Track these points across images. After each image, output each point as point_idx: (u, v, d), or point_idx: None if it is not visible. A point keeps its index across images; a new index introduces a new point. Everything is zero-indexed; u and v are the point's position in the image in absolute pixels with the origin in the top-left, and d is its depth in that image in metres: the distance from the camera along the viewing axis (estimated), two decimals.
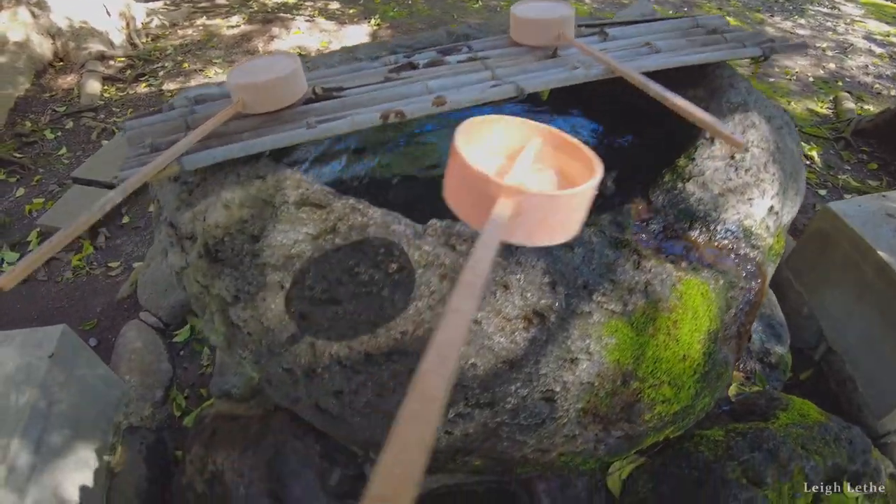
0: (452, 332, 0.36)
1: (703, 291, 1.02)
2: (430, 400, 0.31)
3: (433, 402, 0.31)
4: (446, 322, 0.37)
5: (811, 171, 3.14)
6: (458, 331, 0.36)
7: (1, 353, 1.55)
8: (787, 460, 1.26)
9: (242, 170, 1.07)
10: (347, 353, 0.95)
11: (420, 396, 0.30)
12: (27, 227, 2.82)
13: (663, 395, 1.01)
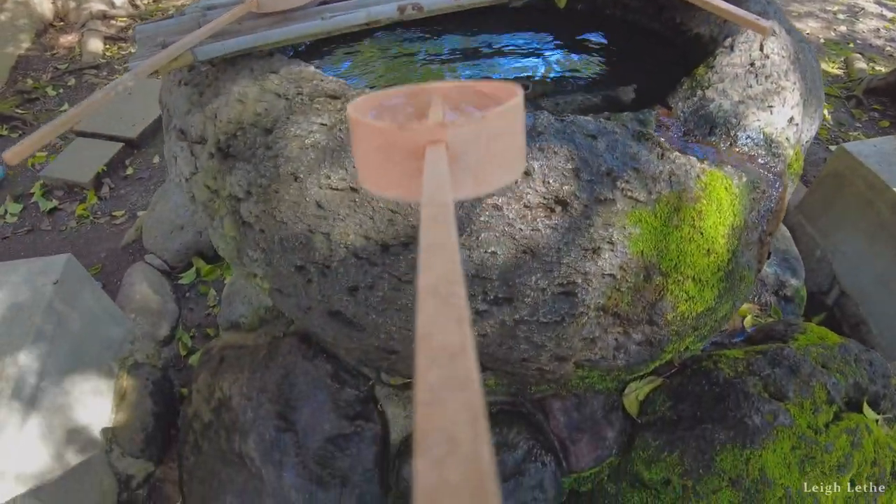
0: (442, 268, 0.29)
1: (726, 185, 0.99)
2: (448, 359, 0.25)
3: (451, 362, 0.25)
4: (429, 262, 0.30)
5: (822, 128, 3.10)
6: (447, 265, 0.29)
7: (6, 281, 1.52)
8: (808, 376, 1.24)
9: (256, 65, 1.04)
10: (364, 244, 0.92)
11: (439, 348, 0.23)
12: (30, 180, 2.79)
13: (687, 293, 0.99)
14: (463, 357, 0.20)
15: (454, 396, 0.18)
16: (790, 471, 1.20)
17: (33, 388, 1.37)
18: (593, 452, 1.21)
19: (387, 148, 0.44)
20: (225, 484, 1.38)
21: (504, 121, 0.45)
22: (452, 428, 0.17)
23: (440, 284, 0.25)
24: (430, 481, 0.16)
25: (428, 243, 0.30)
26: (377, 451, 1.23)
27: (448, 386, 0.19)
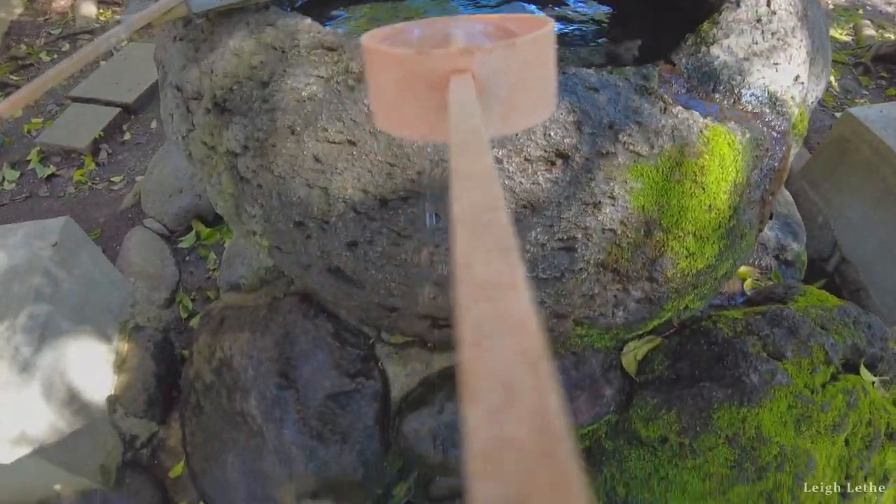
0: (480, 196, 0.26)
1: (729, 141, 0.98)
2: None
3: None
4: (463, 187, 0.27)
5: (828, 95, 3.06)
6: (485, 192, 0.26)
7: (4, 244, 1.52)
8: (806, 337, 1.25)
9: (252, 18, 1.02)
10: (362, 198, 0.91)
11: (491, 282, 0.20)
12: (27, 147, 2.76)
13: (687, 249, 0.98)
14: (514, 291, 0.18)
15: (506, 337, 0.16)
16: (786, 429, 1.22)
17: (34, 350, 1.38)
18: (592, 410, 1.22)
19: (406, 79, 0.40)
20: (227, 443, 1.40)
21: (535, 50, 0.41)
22: (508, 373, 0.15)
23: (478, 213, 0.23)
24: (488, 436, 0.14)
25: (460, 171, 0.27)
26: (378, 409, 1.24)
27: (498, 325, 0.17)
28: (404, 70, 0.40)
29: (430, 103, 0.40)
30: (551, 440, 0.13)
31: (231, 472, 1.37)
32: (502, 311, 0.17)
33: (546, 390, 0.15)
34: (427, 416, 1.18)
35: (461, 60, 0.38)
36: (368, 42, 0.42)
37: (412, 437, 1.19)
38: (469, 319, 0.17)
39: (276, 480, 1.27)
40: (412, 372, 1.28)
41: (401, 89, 0.40)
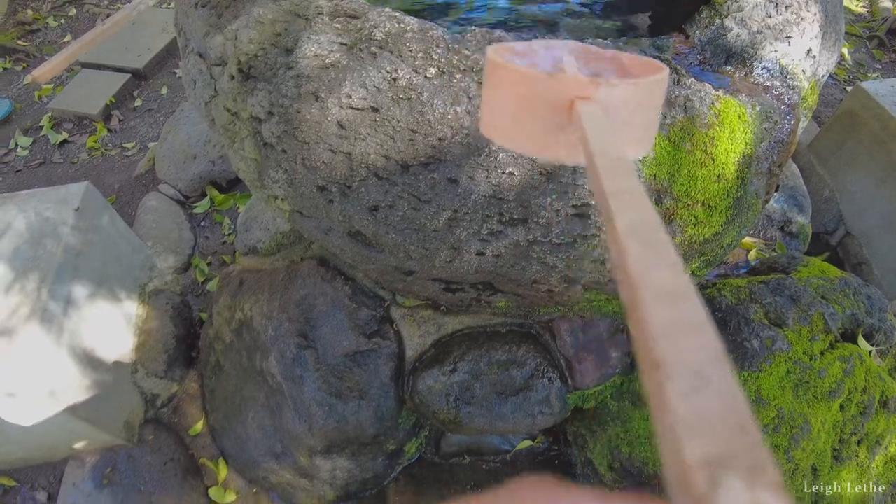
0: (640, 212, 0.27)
1: (740, 113, 1.01)
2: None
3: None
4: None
5: (840, 68, 3.05)
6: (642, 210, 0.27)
7: (27, 208, 1.56)
8: (807, 305, 1.29)
9: None
10: (384, 163, 0.95)
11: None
12: (38, 113, 2.79)
13: (695, 217, 1.02)
14: (687, 301, 0.21)
15: (688, 338, 0.19)
16: (784, 393, 1.27)
17: (61, 311, 1.43)
18: (598, 371, 1.27)
19: (530, 97, 0.41)
20: (247, 400, 1.46)
21: (652, 93, 0.43)
22: (697, 364, 0.18)
23: (641, 228, 0.25)
24: (690, 410, 0.16)
25: (614, 191, 0.29)
26: (393, 368, 1.30)
27: (679, 327, 0.19)
28: (530, 88, 0.41)
29: (548, 123, 0.42)
30: (743, 416, 0.16)
31: (251, 428, 1.43)
32: (683, 315, 0.20)
33: (731, 379, 0.18)
34: (440, 374, 1.24)
35: (587, 87, 0.40)
36: (495, 56, 0.44)
37: (426, 393, 1.24)
38: (655, 319, 0.20)
39: (296, 436, 1.33)
40: (425, 333, 1.33)
41: (521, 106, 0.42)
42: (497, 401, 1.24)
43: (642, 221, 0.26)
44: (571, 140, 0.42)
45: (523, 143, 0.44)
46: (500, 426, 1.24)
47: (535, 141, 0.43)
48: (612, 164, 0.32)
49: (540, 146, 0.43)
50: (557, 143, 0.42)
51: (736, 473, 0.15)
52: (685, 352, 0.19)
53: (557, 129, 0.41)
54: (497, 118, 0.44)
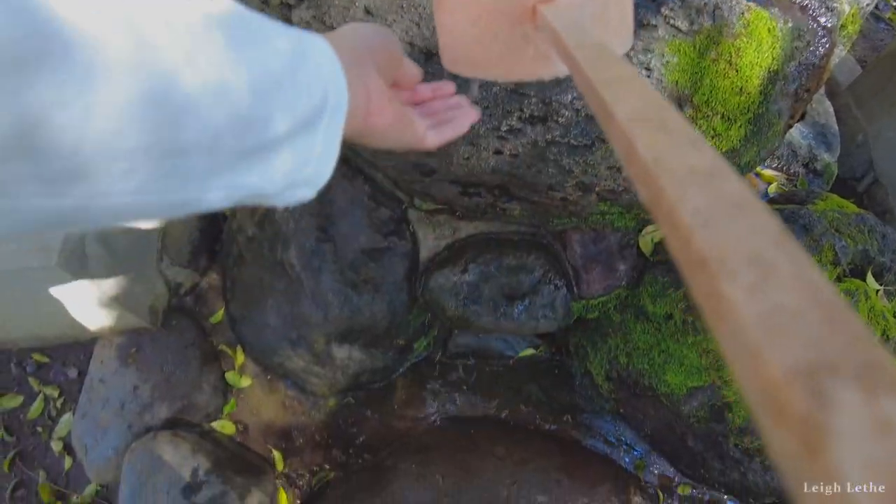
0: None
1: (770, 27, 0.99)
2: None
3: None
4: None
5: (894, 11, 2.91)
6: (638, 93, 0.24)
7: None
8: (819, 236, 1.30)
9: None
10: (409, 50, 0.96)
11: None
12: None
13: (714, 129, 1.02)
14: (723, 178, 0.18)
15: (733, 219, 0.16)
16: None
17: None
18: (604, 282, 1.31)
19: (487, 15, 0.39)
20: (266, 289, 1.53)
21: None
22: (753, 250, 0.15)
23: (646, 111, 0.22)
24: (761, 308, 0.13)
25: (604, 80, 0.26)
26: (407, 266, 1.35)
27: (720, 210, 0.16)
28: (485, 5, 0.38)
29: (512, 40, 0.39)
30: (833, 304, 0.13)
31: (270, 315, 1.51)
32: (723, 195, 0.17)
33: (804, 261, 0.14)
34: (451, 274, 1.29)
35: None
36: None
37: (437, 290, 1.30)
38: (688, 206, 0.17)
39: (312, 323, 1.41)
40: (440, 236, 1.37)
41: (479, 27, 0.39)
42: (504, 302, 1.29)
43: (646, 105, 0.23)
44: (541, 50, 0.39)
45: (492, 67, 0.42)
46: (504, 326, 1.30)
47: (504, 61, 0.41)
48: (595, 53, 0.29)
49: (510, 66, 0.41)
50: (527, 58, 0.40)
51: (846, 380, 0.11)
52: (735, 237, 0.15)
53: (524, 43, 0.39)
54: (458, 48, 0.42)
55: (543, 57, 0.40)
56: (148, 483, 1.41)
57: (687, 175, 0.18)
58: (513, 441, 1.49)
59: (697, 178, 0.18)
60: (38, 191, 0.23)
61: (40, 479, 1.80)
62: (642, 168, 0.19)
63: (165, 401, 1.60)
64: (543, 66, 0.41)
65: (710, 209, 0.16)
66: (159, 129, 0.25)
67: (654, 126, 0.21)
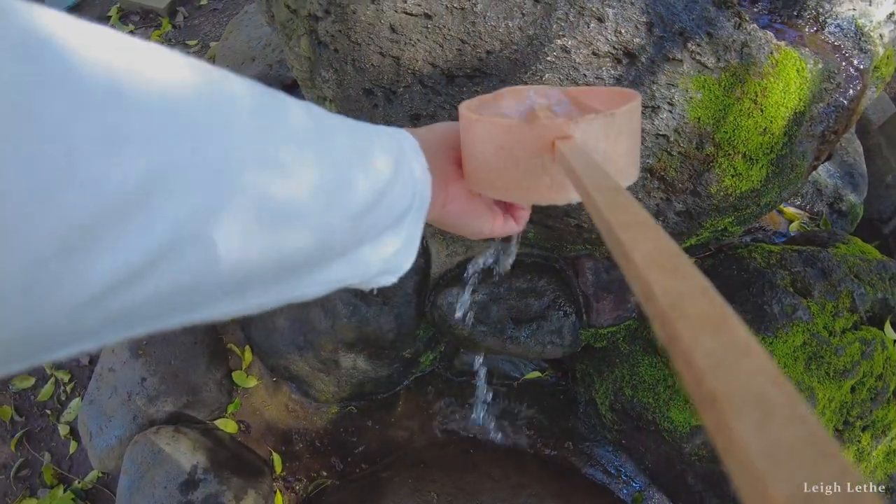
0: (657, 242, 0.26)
1: (799, 68, 0.98)
2: None
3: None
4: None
5: None
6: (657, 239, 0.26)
7: None
8: (837, 281, 1.27)
9: None
10: (430, 71, 0.96)
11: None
12: (108, 4, 2.86)
13: (735, 168, 1.01)
14: (729, 325, 0.20)
15: (741, 362, 0.18)
16: (796, 363, 1.27)
17: None
18: (615, 312, 1.30)
19: (510, 146, 0.43)
20: None
21: (629, 120, 0.44)
22: (757, 390, 0.17)
23: (661, 257, 0.24)
24: (764, 444, 0.15)
25: (622, 224, 0.28)
26: (418, 281, 1.35)
27: (730, 352, 0.18)
28: (510, 137, 0.43)
29: (531, 168, 0.43)
30: (823, 440, 0.15)
31: (279, 319, 1.52)
32: (729, 341, 0.19)
33: (798, 401, 0.17)
34: (461, 292, 1.28)
35: (564, 127, 0.40)
36: (468, 112, 0.45)
37: (445, 308, 1.29)
38: (698, 349, 0.19)
39: (320, 329, 1.41)
40: (452, 254, 1.37)
41: (503, 155, 0.43)
42: (511, 324, 1.29)
43: (660, 251, 0.25)
44: (557, 179, 0.43)
45: (511, 190, 0.45)
46: (510, 348, 1.29)
47: (522, 187, 0.44)
48: (612, 196, 0.31)
49: (527, 191, 0.44)
50: (543, 185, 0.43)
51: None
52: (741, 379, 0.17)
53: (541, 172, 0.42)
54: (481, 171, 0.45)
55: (559, 185, 0.43)
56: (147, 476, 1.43)
57: (700, 321, 0.20)
58: (511, 464, 1.48)
59: (709, 323, 0.20)
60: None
61: (45, 461, 1.83)
62: (659, 312, 0.21)
63: (171, 395, 1.62)
64: (559, 193, 0.44)
65: (719, 352, 0.19)
66: (280, 246, 0.28)
67: (669, 272, 0.23)
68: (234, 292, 0.28)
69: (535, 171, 0.43)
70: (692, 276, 0.22)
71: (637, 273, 0.24)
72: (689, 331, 0.20)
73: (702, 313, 0.20)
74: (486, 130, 0.44)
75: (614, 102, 0.50)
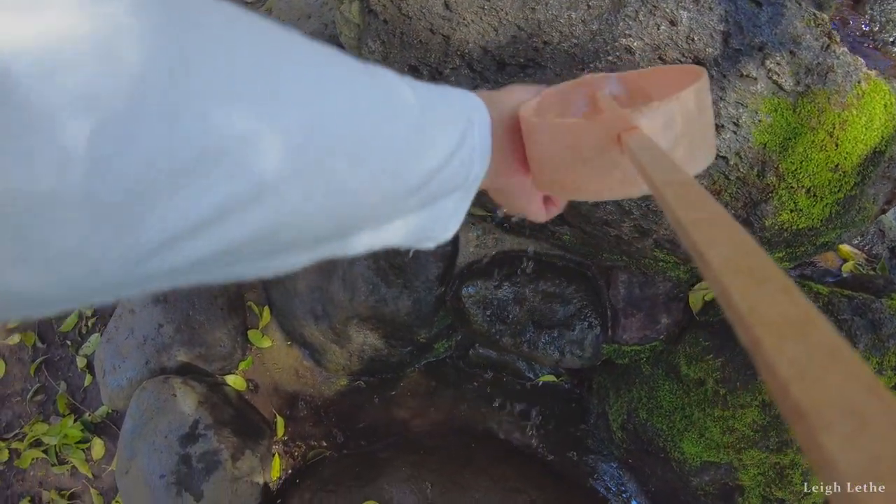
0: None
1: (887, 103, 0.88)
2: None
3: None
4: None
5: None
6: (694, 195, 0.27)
7: None
8: (887, 336, 1.18)
9: None
10: (481, 55, 0.91)
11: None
12: None
13: (796, 203, 0.92)
14: (816, 328, 0.18)
15: (831, 368, 0.17)
16: None
17: None
18: (642, 331, 1.23)
19: (576, 146, 0.41)
20: None
21: (696, 100, 0.42)
22: (848, 401, 0.16)
23: (738, 259, 0.23)
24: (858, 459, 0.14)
25: (693, 220, 0.26)
26: (442, 268, 1.31)
27: (815, 361, 0.17)
28: (574, 136, 0.41)
29: (601, 164, 0.41)
30: None
31: (300, 285, 1.50)
32: (817, 345, 0.17)
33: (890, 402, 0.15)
34: (484, 287, 1.24)
35: (627, 119, 0.39)
36: (531, 116, 0.44)
37: (466, 300, 1.25)
38: (785, 358, 0.17)
39: (337, 302, 1.39)
40: (482, 245, 1.32)
41: (570, 155, 0.42)
42: (532, 328, 1.24)
43: (738, 251, 0.23)
44: (629, 173, 0.41)
45: (582, 190, 0.44)
46: (526, 352, 1.24)
47: (595, 184, 0.43)
48: (683, 190, 0.30)
49: (599, 188, 0.43)
50: (615, 180, 0.42)
51: None
52: (830, 389, 0.16)
53: (612, 166, 0.41)
54: (550, 173, 0.44)
55: (631, 179, 0.42)
56: (150, 423, 1.44)
57: (782, 325, 0.19)
58: (511, 465, 1.44)
59: (794, 328, 0.18)
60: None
61: (60, 390, 1.87)
62: (739, 316, 0.20)
63: (185, 345, 1.63)
64: (631, 186, 0.42)
65: (805, 359, 0.17)
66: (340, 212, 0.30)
67: (747, 273, 0.22)
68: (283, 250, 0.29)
69: (605, 167, 0.41)
70: (774, 277, 0.21)
71: (713, 276, 0.23)
72: (770, 337, 0.18)
73: (786, 317, 0.19)
74: (551, 134, 0.43)
75: (678, 81, 0.47)
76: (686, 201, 0.29)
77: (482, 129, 0.41)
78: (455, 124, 0.38)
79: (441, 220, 0.40)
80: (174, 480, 1.38)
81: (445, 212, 0.40)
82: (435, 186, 0.36)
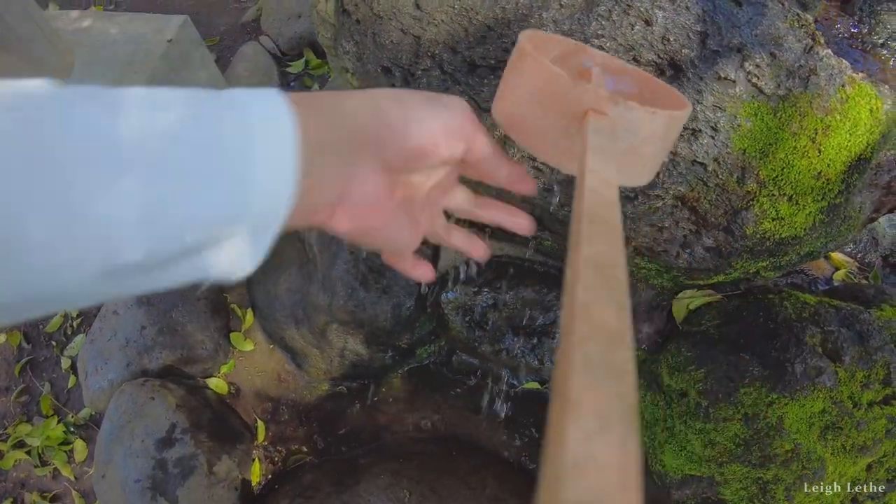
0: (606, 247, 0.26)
1: (873, 107, 0.85)
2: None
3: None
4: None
5: None
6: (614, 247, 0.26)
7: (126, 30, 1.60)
8: (874, 349, 1.14)
9: None
10: (451, 57, 0.88)
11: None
12: None
13: (777, 211, 0.89)
14: (621, 346, 0.20)
15: (609, 383, 0.18)
16: (810, 430, 1.15)
17: None
18: None
19: (548, 95, 0.41)
20: (285, 262, 1.50)
21: (666, 126, 0.41)
22: (605, 408, 0.17)
23: (602, 261, 0.24)
24: (581, 452, 0.16)
25: (591, 215, 0.28)
26: None
27: (604, 370, 0.19)
28: (552, 86, 0.40)
29: (556, 125, 0.41)
30: (631, 475, 0.16)
31: (281, 288, 1.48)
32: (609, 360, 0.19)
33: (631, 428, 0.17)
34: (464, 293, 1.21)
35: (605, 103, 0.38)
36: (527, 44, 0.43)
37: (446, 306, 1.23)
38: (580, 352, 0.19)
39: (317, 307, 1.37)
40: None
41: (537, 100, 0.41)
42: (510, 335, 1.21)
43: (606, 255, 0.25)
44: (574, 148, 0.41)
45: (528, 137, 0.43)
46: (504, 360, 1.21)
47: (540, 140, 0.43)
48: (601, 186, 0.31)
49: (543, 146, 0.43)
50: (560, 149, 0.42)
51: None
52: (599, 395, 0.18)
53: (564, 135, 0.41)
54: (510, 105, 0.44)
55: (569, 154, 0.42)
56: (127, 427, 1.42)
57: (597, 329, 0.21)
58: (491, 473, 1.41)
59: (604, 336, 0.20)
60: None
61: (44, 391, 1.86)
62: (573, 306, 0.22)
63: (167, 347, 1.61)
64: (567, 161, 0.42)
65: (597, 365, 0.19)
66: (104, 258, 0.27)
67: (602, 276, 0.23)
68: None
69: (560, 131, 0.41)
70: (618, 291, 0.23)
71: (575, 264, 0.24)
72: (583, 333, 0.20)
73: (605, 325, 0.21)
74: (534, 69, 0.42)
75: (660, 98, 0.47)
76: (598, 196, 0.30)
77: (277, 147, 0.31)
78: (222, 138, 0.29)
79: (221, 265, 0.32)
80: (149, 485, 1.36)
81: (227, 257, 0.32)
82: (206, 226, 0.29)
